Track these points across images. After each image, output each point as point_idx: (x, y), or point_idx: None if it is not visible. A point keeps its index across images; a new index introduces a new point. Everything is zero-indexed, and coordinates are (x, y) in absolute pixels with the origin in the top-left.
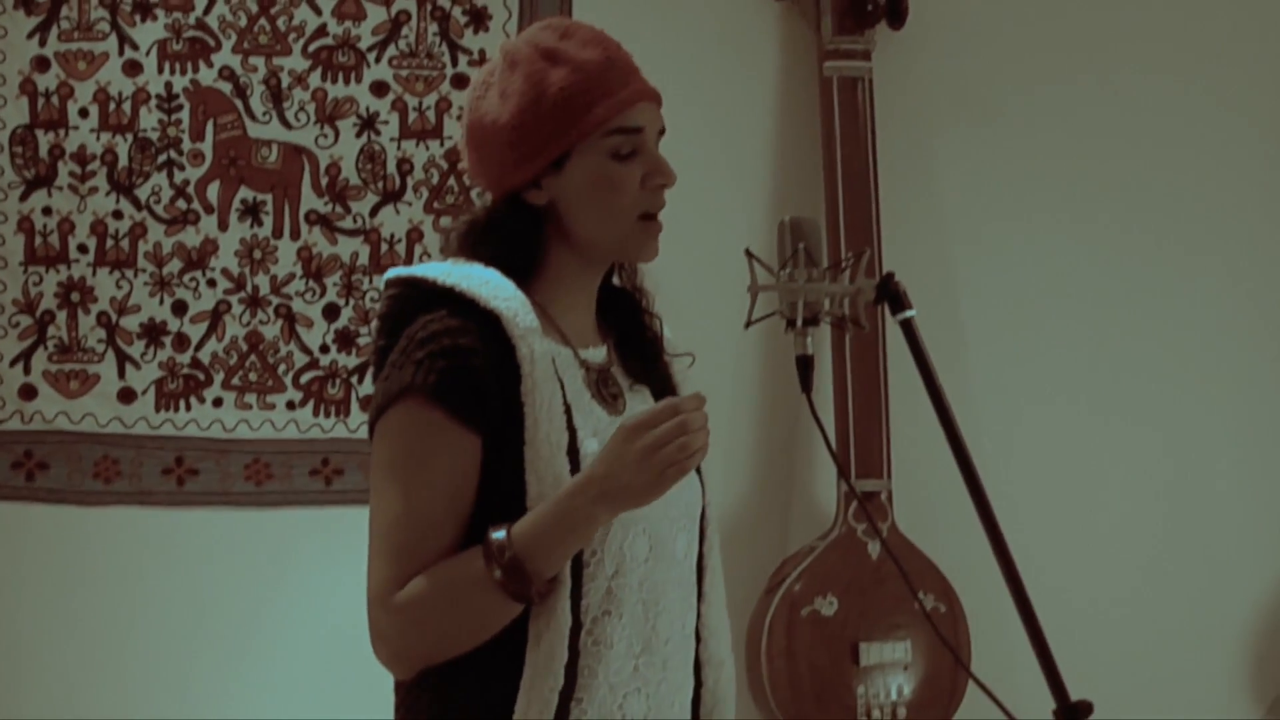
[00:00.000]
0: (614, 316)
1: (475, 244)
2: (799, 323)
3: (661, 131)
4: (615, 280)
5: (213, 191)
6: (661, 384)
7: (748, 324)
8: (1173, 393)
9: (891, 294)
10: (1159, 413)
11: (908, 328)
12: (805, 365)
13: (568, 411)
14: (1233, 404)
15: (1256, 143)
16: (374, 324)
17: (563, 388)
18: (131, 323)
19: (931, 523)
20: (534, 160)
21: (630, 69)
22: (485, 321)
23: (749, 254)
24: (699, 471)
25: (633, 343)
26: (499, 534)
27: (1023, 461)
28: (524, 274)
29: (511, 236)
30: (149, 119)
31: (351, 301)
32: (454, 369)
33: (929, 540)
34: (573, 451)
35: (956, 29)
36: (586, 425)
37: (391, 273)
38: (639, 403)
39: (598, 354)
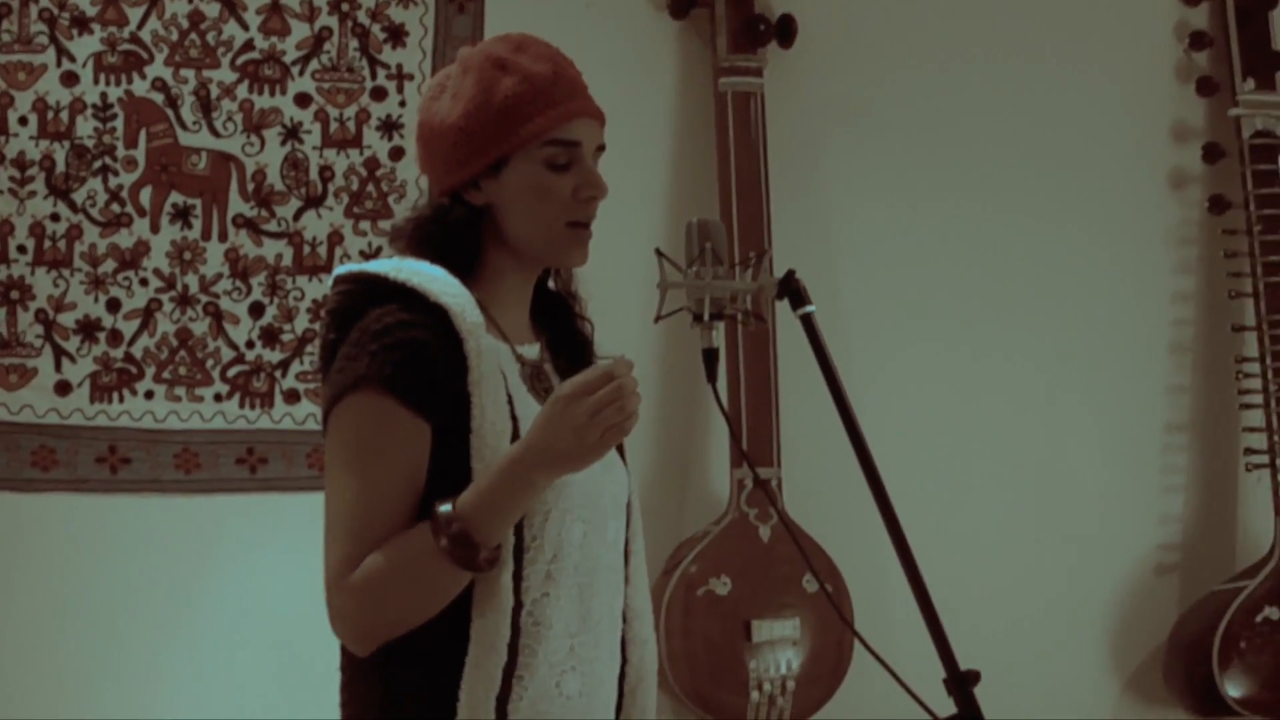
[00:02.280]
0: (547, 318)
1: (420, 240)
2: (706, 317)
3: (600, 148)
4: (550, 284)
5: (145, 196)
6: None
7: (657, 318)
8: (1042, 382)
9: (793, 290)
10: (1029, 402)
11: (808, 322)
12: (711, 358)
13: (510, 402)
14: (1100, 392)
15: (1126, 138)
16: (323, 319)
17: (505, 380)
18: (68, 319)
19: (815, 508)
20: (475, 161)
21: (576, 86)
22: (434, 316)
23: (659, 253)
24: (625, 461)
25: (563, 344)
26: (445, 507)
27: (899, 449)
28: (464, 272)
29: (452, 233)
30: (85, 127)
31: (276, 300)
32: (407, 360)
33: (812, 525)
34: (516, 439)
35: (841, 48)
36: (526, 416)
37: (341, 269)
38: None
39: (532, 350)
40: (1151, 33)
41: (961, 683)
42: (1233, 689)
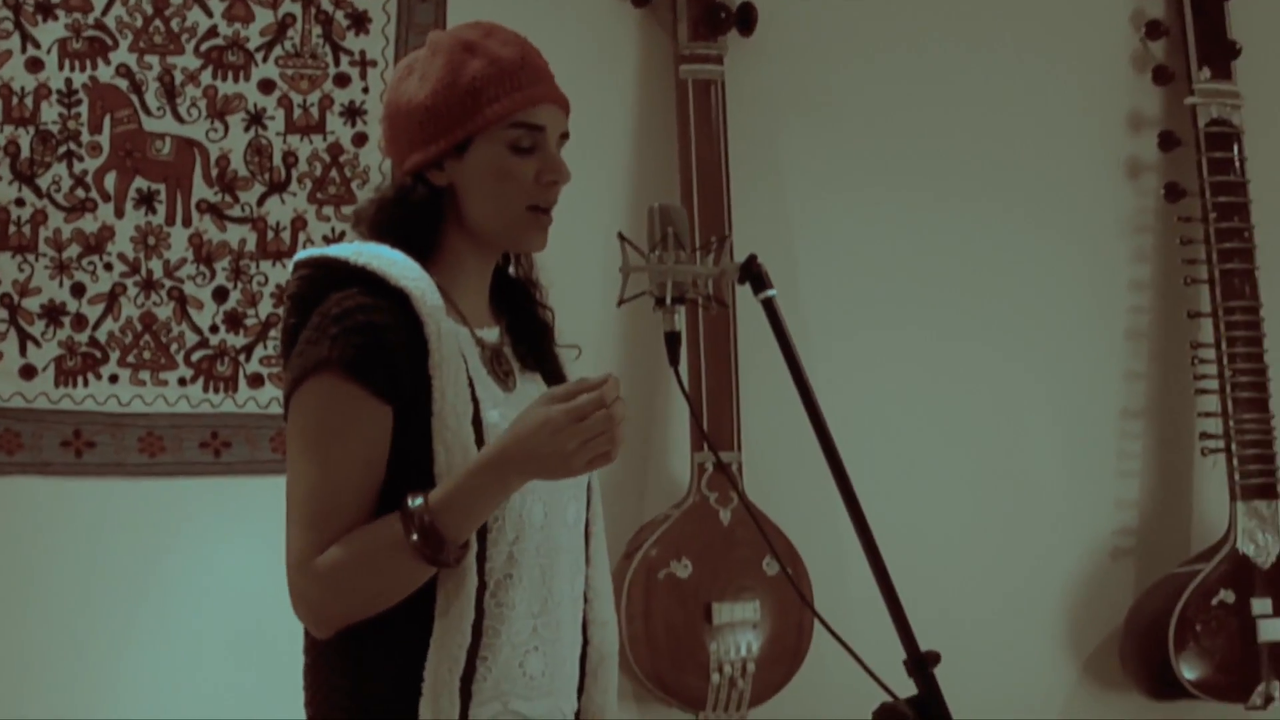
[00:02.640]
0: (507, 304)
1: (381, 221)
2: (668, 301)
3: (564, 136)
4: (511, 271)
5: (110, 181)
6: (551, 372)
7: (620, 302)
8: (1000, 369)
9: (754, 274)
10: (987, 388)
11: (769, 306)
12: (673, 341)
13: (471, 385)
14: (1056, 378)
15: (1083, 127)
16: (284, 303)
17: (465, 363)
18: (33, 304)
19: (775, 492)
20: (440, 141)
21: (543, 73)
22: (395, 299)
23: (621, 237)
24: None
25: (523, 330)
26: (416, 502)
27: (858, 433)
28: (424, 255)
29: (413, 214)
30: (50, 113)
31: (239, 285)
32: (368, 344)
33: (772, 508)
34: (476, 422)
35: (800, 37)
36: (487, 398)
37: (302, 254)
38: (530, 385)
39: (491, 334)
40: (1107, 22)
41: (922, 663)
42: (1188, 671)
